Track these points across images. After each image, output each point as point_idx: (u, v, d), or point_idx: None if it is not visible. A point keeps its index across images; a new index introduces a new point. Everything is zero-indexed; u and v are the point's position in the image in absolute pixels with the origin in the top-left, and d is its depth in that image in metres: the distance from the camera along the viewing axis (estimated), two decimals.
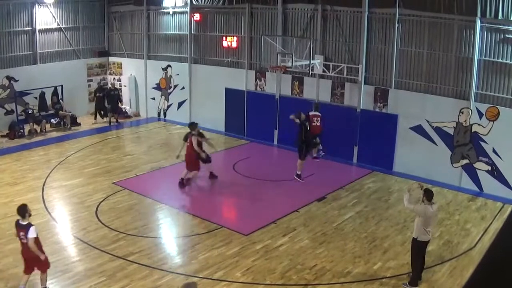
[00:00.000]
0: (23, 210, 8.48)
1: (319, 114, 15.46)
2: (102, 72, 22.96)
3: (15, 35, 19.72)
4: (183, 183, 13.60)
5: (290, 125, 16.89)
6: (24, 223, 8.43)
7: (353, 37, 15.81)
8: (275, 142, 18.10)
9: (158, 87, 21.69)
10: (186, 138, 13.70)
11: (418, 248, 8.84)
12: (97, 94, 21.04)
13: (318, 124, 15.35)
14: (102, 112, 21.14)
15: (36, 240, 8.37)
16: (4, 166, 15.15)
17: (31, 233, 8.26)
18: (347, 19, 15.88)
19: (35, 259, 8.44)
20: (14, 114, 19.09)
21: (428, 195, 8.69)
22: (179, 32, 20.56)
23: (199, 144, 13.50)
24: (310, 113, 15.11)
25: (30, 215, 8.59)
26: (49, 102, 20.27)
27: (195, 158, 13.37)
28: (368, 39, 15.36)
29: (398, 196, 13.28)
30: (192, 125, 13.70)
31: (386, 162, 15.35)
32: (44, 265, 8.56)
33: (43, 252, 8.52)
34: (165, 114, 21.79)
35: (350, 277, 9.21)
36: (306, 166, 14.48)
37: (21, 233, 8.43)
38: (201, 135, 13.81)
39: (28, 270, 8.55)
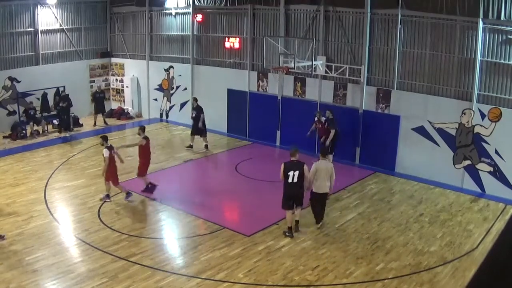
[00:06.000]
0: (104, 138, 12.64)
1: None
2: (104, 73, 23.01)
3: (17, 36, 19.79)
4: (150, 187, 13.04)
5: (293, 126, 16.98)
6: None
7: (355, 38, 15.80)
8: (277, 143, 18.09)
9: (160, 88, 21.71)
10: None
11: (311, 198, 11.12)
12: (60, 105, 19.19)
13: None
14: (68, 124, 19.42)
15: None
16: (6, 167, 15.18)
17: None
18: (350, 20, 15.88)
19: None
20: (16, 115, 19.14)
21: (323, 152, 11.30)
22: (182, 33, 20.57)
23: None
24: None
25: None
26: (51, 103, 20.33)
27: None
28: (370, 40, 15.36)
29: (401, 197, 13.29)
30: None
31: (388, 163, 15.33)
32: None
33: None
34: (167, 115, 21.81)
35: (352, 278, 9.20)
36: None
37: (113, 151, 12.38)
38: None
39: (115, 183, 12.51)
